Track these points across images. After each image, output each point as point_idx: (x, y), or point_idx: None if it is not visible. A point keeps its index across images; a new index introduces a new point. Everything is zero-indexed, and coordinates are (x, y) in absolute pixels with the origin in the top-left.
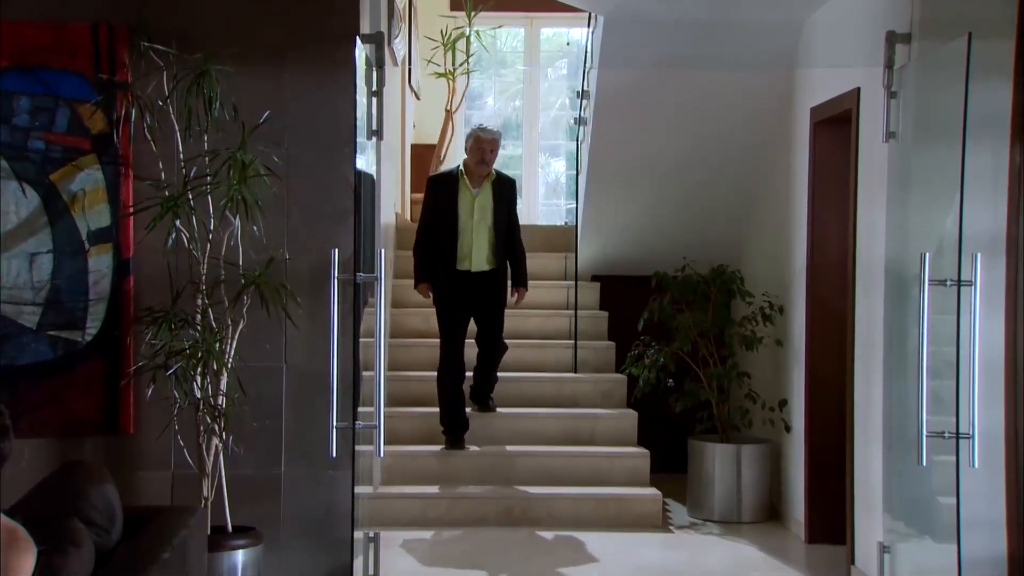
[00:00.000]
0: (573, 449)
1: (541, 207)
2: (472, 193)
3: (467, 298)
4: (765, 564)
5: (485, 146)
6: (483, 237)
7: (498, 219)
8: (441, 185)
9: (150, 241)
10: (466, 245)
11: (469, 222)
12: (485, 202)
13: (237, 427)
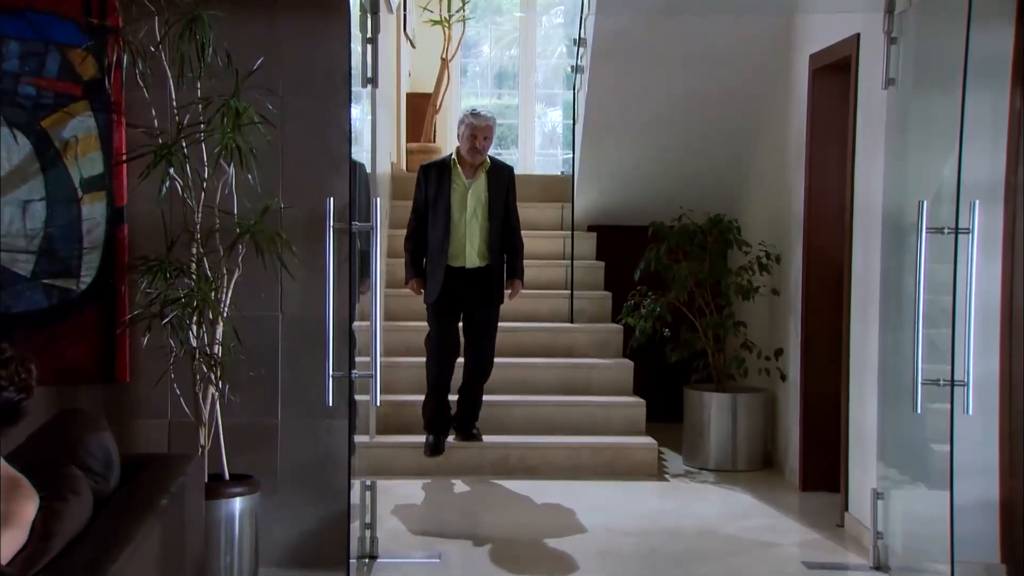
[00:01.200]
0: (569, 398)
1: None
2: (465, 184)
3: (459, 297)
4: (759, 511)
5: (478, 132)
6: (476, 231)
7: (493, 211)
8: (432, 175)
9: (144, 189)
10: (459, 240)
11: (462, 215)
12: (479, 193)
13: (233, 376)
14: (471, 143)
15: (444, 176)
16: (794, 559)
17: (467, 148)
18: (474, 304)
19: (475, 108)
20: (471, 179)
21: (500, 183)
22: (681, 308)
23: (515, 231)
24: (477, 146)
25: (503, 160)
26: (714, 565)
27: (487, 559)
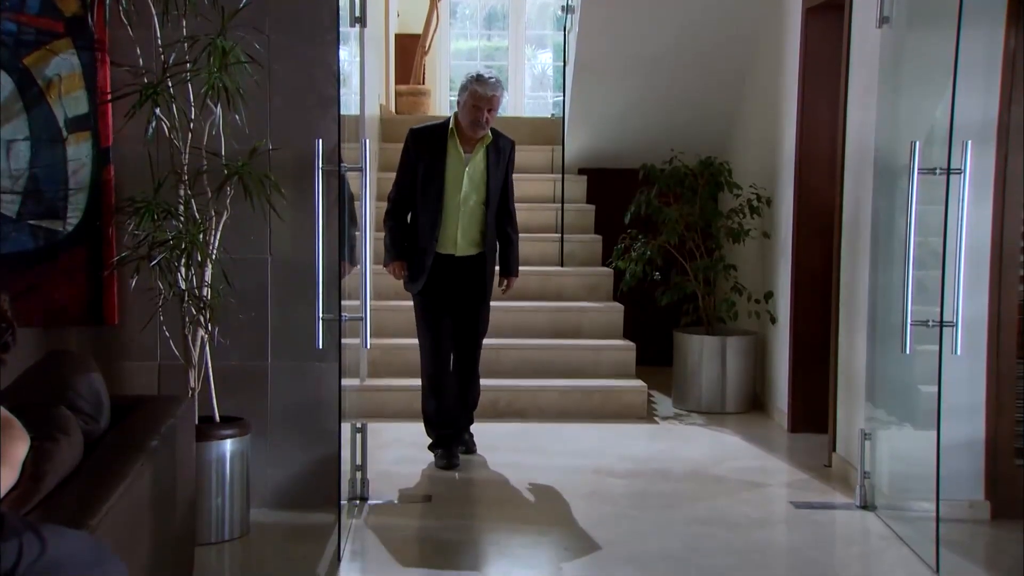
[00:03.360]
0: (559, 342)
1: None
2: (462, 158)
3: (447, 288)
4: (748, 453)
5: (482, 104)
6: (471, 214)
7: (491, 192)
8: (424, 144)
9: (129, 130)
10: (451, 224)
11: (456, 195)
12: (477, 171)
13: (222, 319)
14: (473, 116)
15: (438, 147)
16: (782, 499)
17: (468, 121)
18: (463, 299)
19: (480, 72)
20: (469, 154)
21: (501, 160)
22: (671, 251)
23: (511, 217)
24: (480, 120)
25: (504, 132)
26: (702, 506)
27: (477, 500)
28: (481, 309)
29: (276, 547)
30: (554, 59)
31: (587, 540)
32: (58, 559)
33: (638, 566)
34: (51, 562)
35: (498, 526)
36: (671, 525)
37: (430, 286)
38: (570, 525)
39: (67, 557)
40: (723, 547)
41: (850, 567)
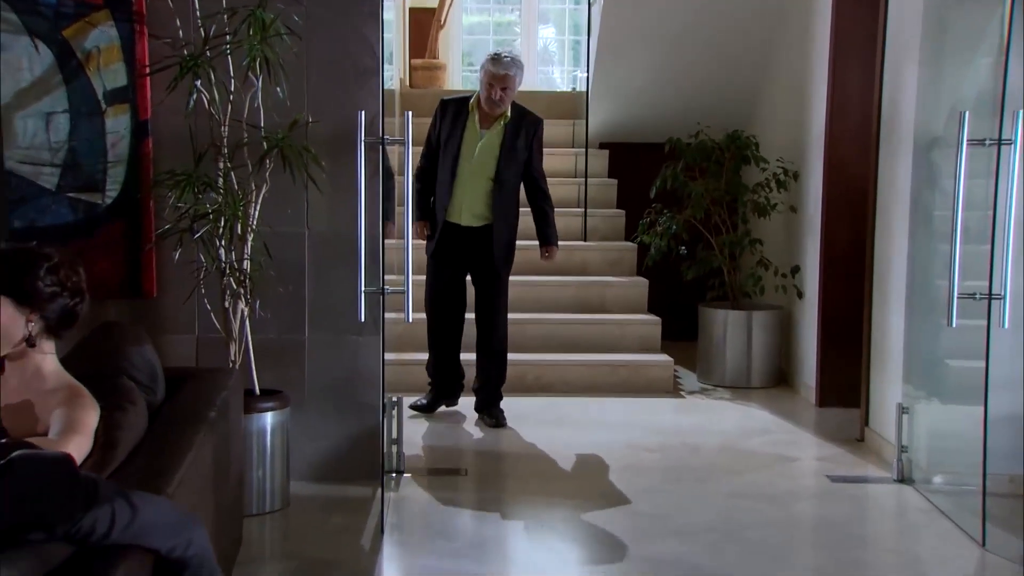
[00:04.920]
0: (584, 316)
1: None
2: (478, 133)
3: (459, 255)
4: (778, 427)
5: (495, 82)
6: (479, 188)
7: (502, 169)
8: (449, 113)
9: (167, 102)
10: (459, 194)
11: (467, 166)
12: (491, 147)
13: (261, 292)
14: (488, 93)
15: (460, 118)
16: (817, 473)
17: (484, 97)
18: (474, 270)
19: (498, 52)
20: (485, 129)
21: (521, 138)
22: (697, 226)
23: (543, 193)
24: (493, 97)
25: (531, 111)
26: (737, 479)
27: (512, 473)
28: (493, 282)
29: (317, 519)
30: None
31: (627, 513)
32: (147, 524)
33: (681, 539)
34: (141, 527)
35: (536, 499)
36: (709, 498)
37: (439, 250)
38: (608, 498)
39: (156, 522)
40: (764, 520)
41: (894, 540)
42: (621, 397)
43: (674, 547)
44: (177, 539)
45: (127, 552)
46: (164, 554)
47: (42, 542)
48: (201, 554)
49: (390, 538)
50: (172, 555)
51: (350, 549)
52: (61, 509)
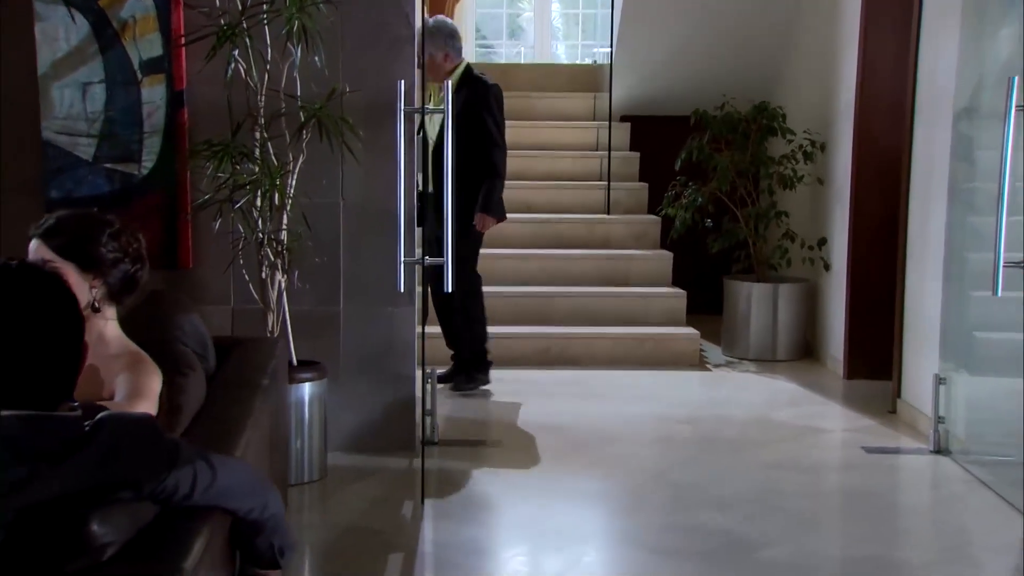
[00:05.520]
0: (609, 289)
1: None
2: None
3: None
4: (807, 399)
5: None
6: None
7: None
8: None
9: (202, 73)
10: None
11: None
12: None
13: (298, 263)
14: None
15: None
16: (852, 444)
17: None
18: None
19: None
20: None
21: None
22: (723, 198)
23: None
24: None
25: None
26: (771, 451)
27: (545, 445)
28: None
29: (355, 490)
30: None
31: (664, 483)
32: (227, 486)
33: (721, 509)
34: (221, 488)
35: (571, 470)
36: (745, 469)
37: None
38: (644, 469)
39: (234, 485)
40: (801, 490)
41: (937, 510)
42: (647, 370)
43: (714, 517)
44: (254, 501)
45: (208, 513)
46: (241, 516)
47: (130, 501)
48: (277, 516)
49: (430, 508)
50: (249, 517)
51: (392, 519)
52: (149, 468)
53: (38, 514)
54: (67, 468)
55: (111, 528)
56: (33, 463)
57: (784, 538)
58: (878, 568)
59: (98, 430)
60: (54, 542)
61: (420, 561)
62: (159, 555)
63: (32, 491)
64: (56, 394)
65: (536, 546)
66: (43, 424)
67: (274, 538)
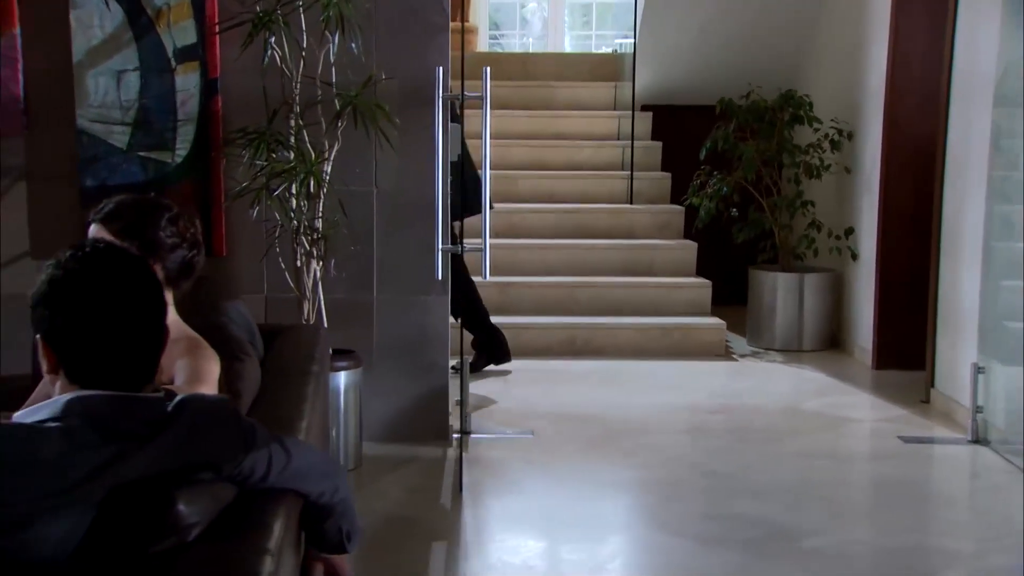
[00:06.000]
0: (633, 279)
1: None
2: None
3: None
4: (837, 389)
5: None
6: None
7: None
8: None
9: (235, 60)
10: None
11: None
12: None
13: (333, 251)
14: None
15: None
16: (887, 434)
17: None
18: None
19: None
20: None
21: None
22: (748, 188)
23: None
24: None
25: None
26: (806, 440)
27: (578, 434)
28: None
29: (391, 479)
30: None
31: (700, 473)
32: (301, 469)
33: (760, 498)
34: (295, 471)
35: (606, 459)
36: (781, 459)
37: None
38: (679, 459)
39: (307, 468)
40: (840, 480)
41: (979, 499)
42: (672, 360)
43: (754, 506)
44: (326, 485)
45: (282, 496)
46: (313, 499)
47: (209, 482)
48: (346, 500)
49: (469, 497)
50: (320, 500)
51: (429, 508)
52: (228, 450)
53: (125, 494)
54: (152, 449)
55: (196, 509)
56: (121, 443)
57: (827, 527)
58: (924, 558)
59: (180, 411)
60: (141, 522)
61: (463, 549)
62: (241, 536)
63: (120, 471)
64: (141, 375)
65: (578, 534)
66: (130, 405)
67: (343, 522)
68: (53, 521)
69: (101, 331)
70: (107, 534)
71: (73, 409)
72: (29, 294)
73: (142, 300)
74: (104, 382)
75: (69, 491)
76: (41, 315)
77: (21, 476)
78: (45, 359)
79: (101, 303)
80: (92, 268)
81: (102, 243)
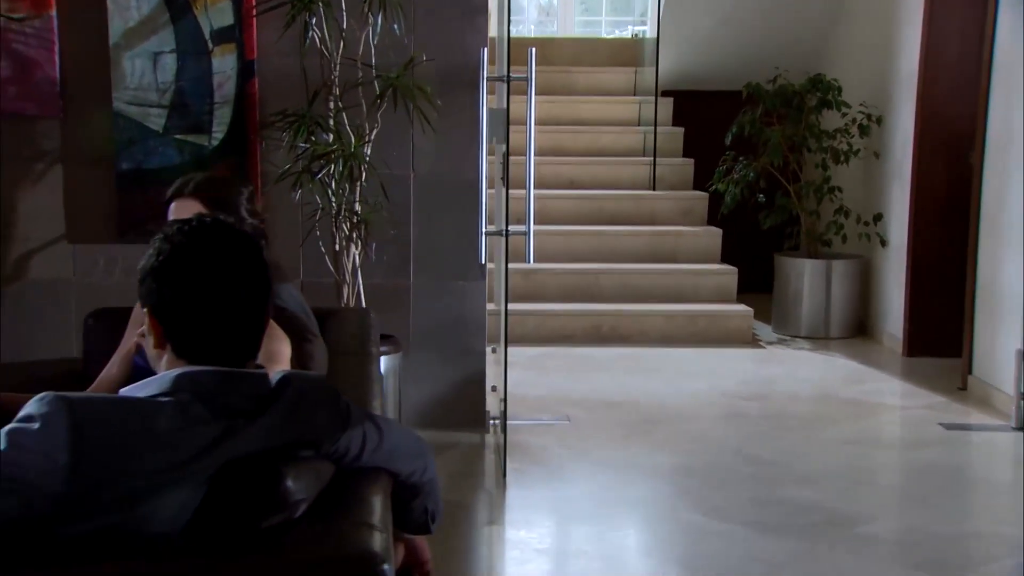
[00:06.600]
0: (659, 267)
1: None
2: None
3: None
4: (871, 376)
5: None
6: None
7: None
8: None
9: (272, 43)
10: None
11: None
12: None
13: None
14: None
15: None
16: (928, 421)
17: None
18: None
19: None
20: None
21: None
22: (774, 173)
23: None
24: None
25: None
26: (847, 427)
27: (614, 420)
28: None
29: None
30: None
31: (744, 460)
32: (392, 448)
33: (810, 485)
34: (387, 451)
35: (648, 445)
36: (824, 445)
37: None
38: (720, 445)
39: (400, 446)
40: (888, 466)
41: None
42: (700, 347)
43: (805, 492)
44: (416, 464)
45: (376, 474)
46: (403, 479)
47: (310, 459)
48: (434, 480)
49: (513, 482)
50: (410, 480)
51: (475, 493)
52: (328, 427)
53: (235, 470)
54: (260, 425)
55: (302, 485)
56: (230, 419)
57: (881, 514)
58: (983, 545)
59: (284, 388)
60: (252, 497)
61: (514, 533)
62: (345, 513)
63: (230, 447)
64: (247, 351)
65: (627, 519)
66: (237, 381)
67: (428, 502)
68: (168, 495)
69: (211, 305)
70: (219, 509)
71: (183, 384)
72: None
73: (251, 274)
74: (212, 357)
75: (183, 466)
76: (149, 288)
77: (139, 450)
78: (152, 333)
79: (211, 276)
80: (201, 241)
81: (209, 217)
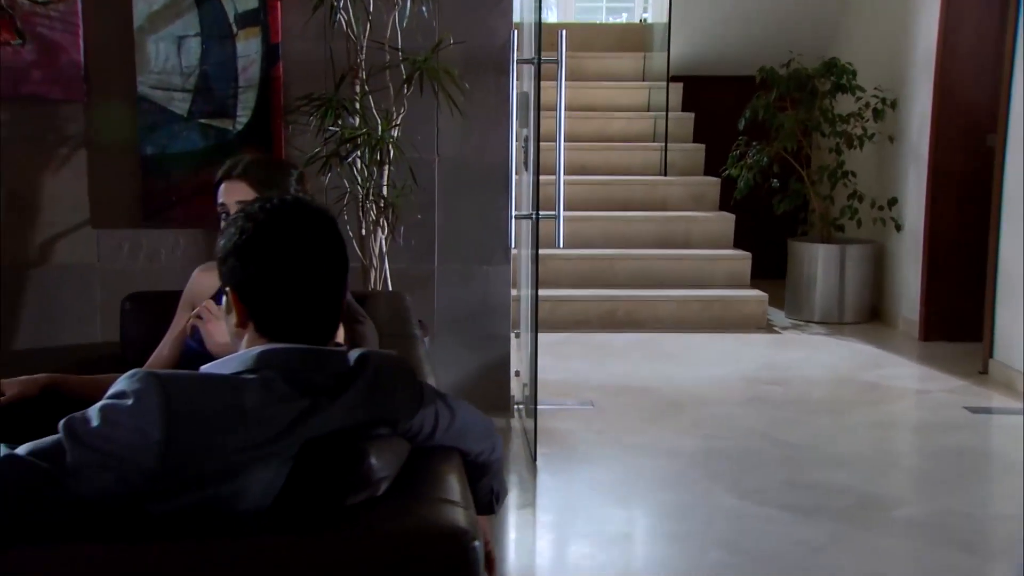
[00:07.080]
0: (672, 252)
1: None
2: None
3: None
4: (889, 360)
5: None
6: None
7: None
8: None
9: (296, 26)
10: None
11: None
12: None
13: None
14: None
15: None
16: (952, 404)
17: None
18: None
19: None
20: None
21: None
22: (788, 158)
23: None
24: None
25: None
26: (872, 411)
27: (638, 405)
28: None
29: None
30: None
31: (773, 443)
32: (463, 427)
33: (841, 468)
34: (458, 430)
35: (674, 429)
36: (851, 429)
37: None
38: (747, 429)
39: (470, 426)
40: (917, 450)
41: None
42: (715, 333)
43: (837, 476)
44: (484, 444)
45: (449, 453)
46: (472, 458)
47: (388, 437)
48: (500, 460)
49: (544, 466)
50: (479, 459)
51: (506, 478)
52: (405, 405)
53: (320, 447)
54: (342, 402)
55: (384, 463)
56: (313, 396)
57: (915, 497)
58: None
59: (363, 366)
60: (337, 474)
61: (550, 517)
62: (426, 490)
63: (314, 424)
64: (328, 329)
65: (662, 503)
66: (319, 358)
67: (494, 482)
68: (256, 472)
69: (294, 282)
70: (304, 487)
71: (267, 361)
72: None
73: (331, 252)
74: (294, 335)
75: (270, 443)
76: (232, 267)
77: (228, 427)
78: (235, 311)
79: (294, 254)
80: (283, 219)
81: (289, 196)
